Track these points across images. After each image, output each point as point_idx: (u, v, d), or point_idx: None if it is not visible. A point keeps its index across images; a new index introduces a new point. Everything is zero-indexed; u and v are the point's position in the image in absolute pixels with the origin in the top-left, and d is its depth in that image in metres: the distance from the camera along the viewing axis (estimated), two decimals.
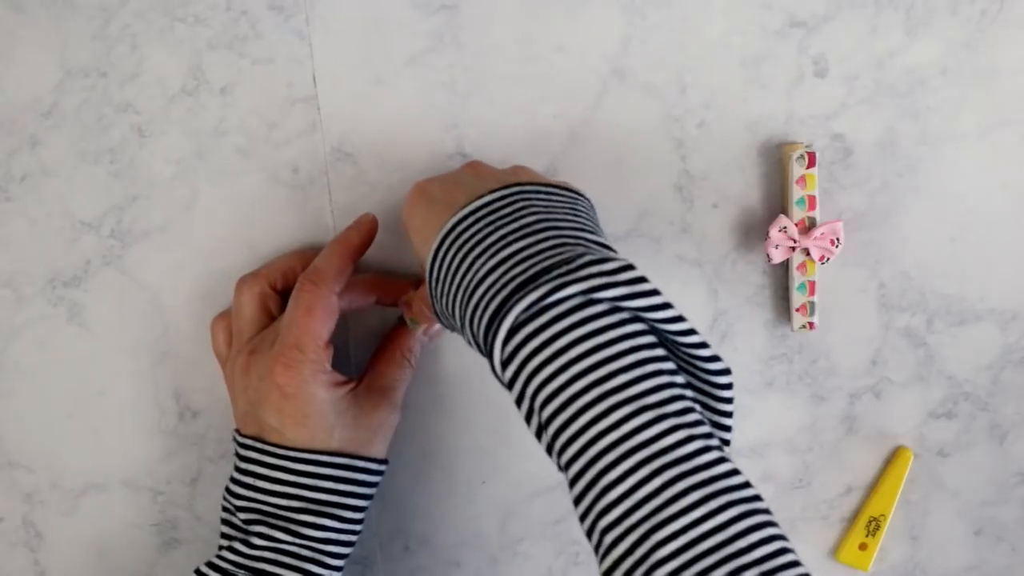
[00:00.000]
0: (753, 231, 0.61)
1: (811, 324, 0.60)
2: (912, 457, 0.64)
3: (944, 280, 0.62)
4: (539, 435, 0.42)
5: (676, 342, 0.42)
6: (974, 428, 0.64)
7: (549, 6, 0.59)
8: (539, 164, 0.60)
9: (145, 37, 0.59)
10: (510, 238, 0.44)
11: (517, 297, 0.41)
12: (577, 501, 0.40)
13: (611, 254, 0.42)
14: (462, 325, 0.46)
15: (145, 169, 0.60)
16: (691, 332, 0.42)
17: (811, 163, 0.58)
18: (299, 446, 0.54)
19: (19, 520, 0.64)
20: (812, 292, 0.60)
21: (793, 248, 0.59)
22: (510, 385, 0.42)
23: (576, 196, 0.49)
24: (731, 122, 0.60)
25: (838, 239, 0.59)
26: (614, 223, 0.61)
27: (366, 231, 0.58)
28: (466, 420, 0.63)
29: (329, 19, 0.59)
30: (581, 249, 0.43)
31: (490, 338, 0.42)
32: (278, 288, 0.58)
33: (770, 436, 0.64)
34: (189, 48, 0.59)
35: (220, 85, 0.59)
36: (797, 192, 0.58)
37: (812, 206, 0.58)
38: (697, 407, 0.41)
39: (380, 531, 0.65)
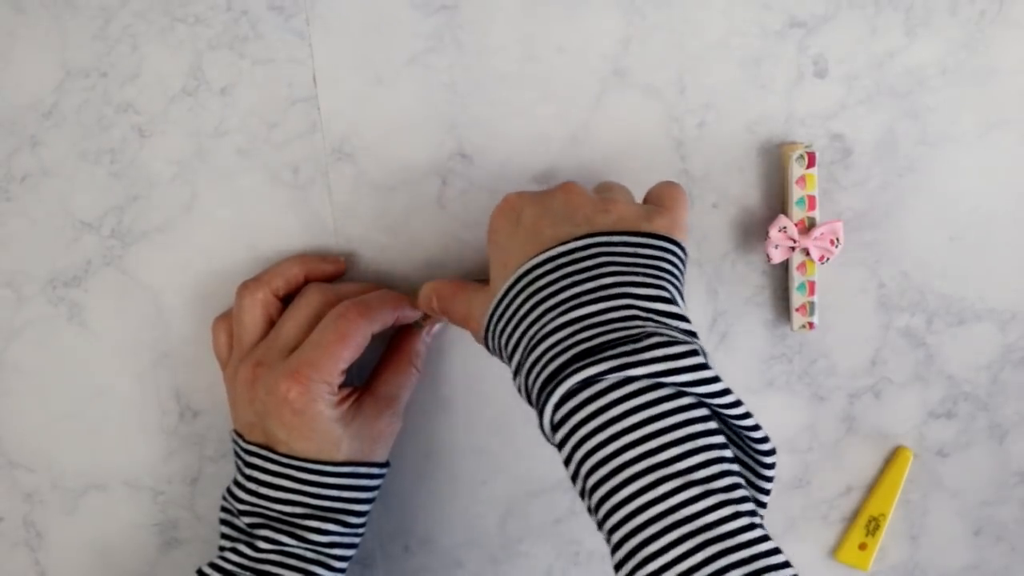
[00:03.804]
0: (753, 231, 0.61)
1: (811, 324, 0.60)
2: (912, 457, 0.64)
3: (944, 280, 0.62)
4: (582, 496, 0.43)
5: (731, 423, 0.43)
6: (974, 428, 0.64)
7: (549, 6, 0.59)
8: (539, 165, 0.60)
9: (145, 37, 0.59)
10: (584, 298, 0.44)
11: (578, 365, 0.42)
12: (617, 568, 0.40)
13: (678, 336, 0.43)
14: (517, 369, 0.46)
15: (145, 169, 0.60)
16: (747, 416, 0.43)
17: (811, 163, 0.58)
18: (306, 457, 0.54)
19: (19, 520, 0.64)
20: (812, 292, 0.60)
21: (793, 248, 0.59)
22: (559, 446, 0.43)
23: (663, 249, 0.48)
24: (731, 122, 0.60)
25: (838, 239, 0.59)
26: None
27: (419, 313, 0.59)
28: (467, 421, 0.64)
29: (329, 19, 0.59)
30: (651, 327, 0.43)
31: (544, 396, 0.43)
32: (280, 294, 0.58)
33: (770, 436, 0.64)
34: (189, 48, 0.59)
35: (220, 85, 0.60)
36: (797, 192, 0.58)
37: (812, 206, 0.58)
38: (743, 482, 0.41)
39: (381, 531, 0.65)
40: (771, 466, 0.44)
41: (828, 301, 0.61)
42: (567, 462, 0.43)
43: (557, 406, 0.43)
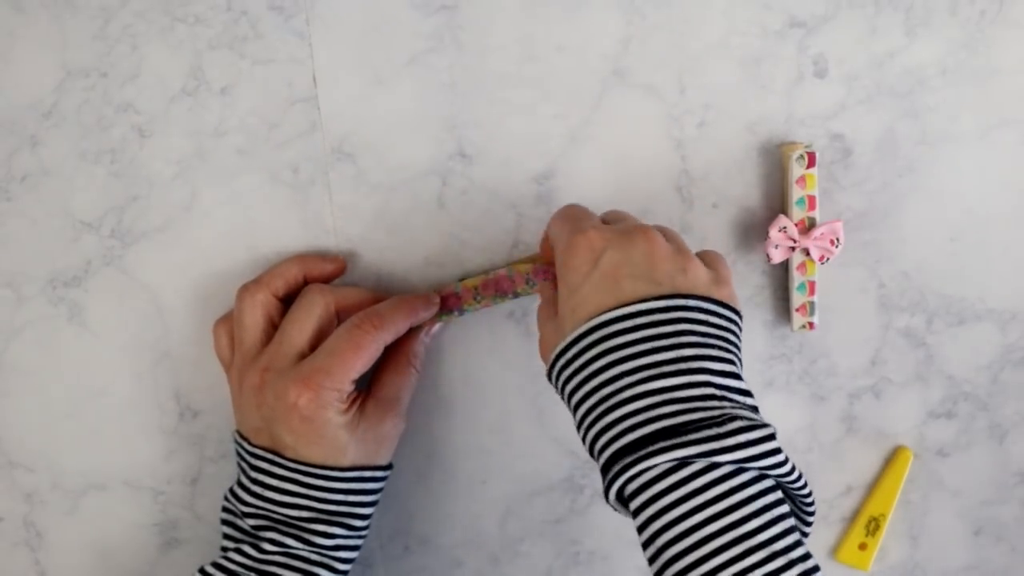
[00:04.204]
0: (753, 231, 0.61)
1: (811, 324, 0.60)
2: (912, 457, 0.64)
3: (944, 280, 0.62)
4: (652, 561, 0.44)
5: (782, 482, 0.45)
6: (974, 428, 0.64)
7: (549, 6, 0.59)
8: (539, 164, 0.60)
9: (145, 37, 0.59)
10: (665, 368, 0.45)
11: (664, 445, 0.44)
12: None
13: (755, 418, 0.45)
14: (582, 421, 0.47)
15: (145, 169, 0.60)
16: (805, 485, 0.46)
17: (811, 163, 0.58)
18: (312, 462, 0.55)
19: (19, 520, 0.64)
20: (812, 292, 0.60)
21: (793, 248, 0.59)
22: (635, 513, 0.45)
23: (730, 320, 0.49)
24: (731, 122, 0.60)
25: (838, 239, 0.59)
26: None
27: (434, 310, 0.59)
28: (467, 420, 0.64)
29: (329, 19, 0.59)
30: (728, 407, 0.45)
31: (620, 466, 0.44)
32: (280, 295, 0.58)
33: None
34: (189, 48, 0.59)
35: (220, 85, 0.60)
36: (797, 192, 0.58)
37: (812, 206, 0.58)
38: (805, 542, 0.44)
39: (381, 531, 0.65)
40: (813, 514, 0.47)
41: (828, 301, 0.61)
42: (642, 528, 0.44)
43: (634, 477, 0.44)
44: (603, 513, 0.65)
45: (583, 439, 0.48)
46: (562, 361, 0.49)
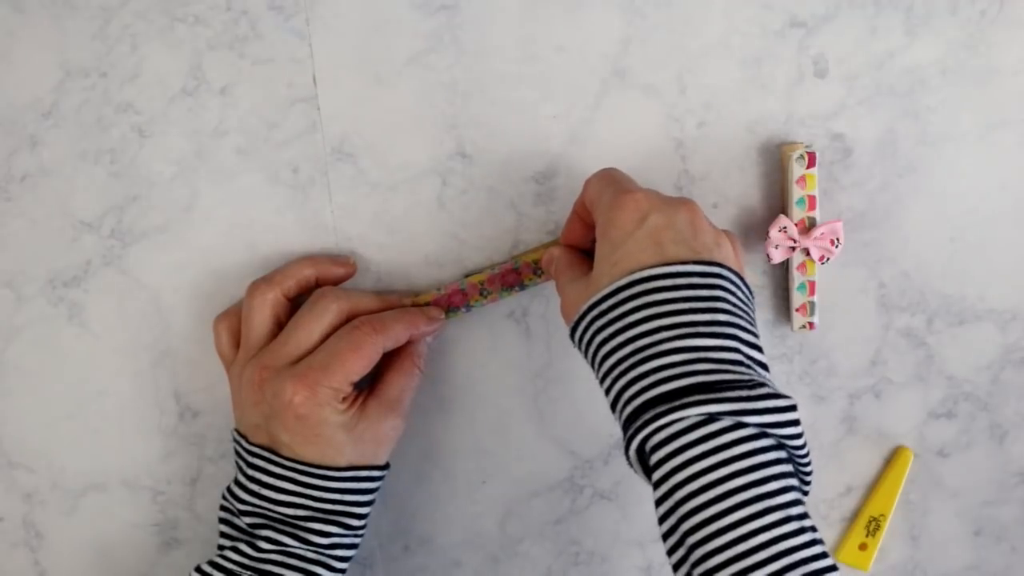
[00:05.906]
0: (753, 231, 0.61)
1: (811, 324, 0.60)
2: (912, 457, 0.64)
3: (944, 280, 0.62)
4: (667, 517, 0.45)
5: (793, 454, 0.48)
6: (974, 428, 0.64)
7: (549, 6, 0.59)
8: (539, 164, 0.60)
9: (145, 37, 0.59)
10: (701, 329, 0.47)
11: (695, 399, 0.45)
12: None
13: (778, 389, 0.47)
14: (609, 370, 0.48)
15: (145, 169, 0.60)
16: (810, 463, 0.48)
17: (811, 163, 0.58)
18: (309, 461, 0.55)
19: (19, 520, 0.64)
20: (812, 292, 0.60)
21: (793, 248, 0.59)
22: (656, 466, 0.45)
23: (751, 298, 0.51)
24: (731, 122, 0.60)
25: (838, 239, 0.59)
26: None
27: (437, 326, 0.59)
28: (467, 421, 0.64)
29: (329, 19, 0.59)
30: (755, 375, 0.47)
31: (647, 415, 0.46)
32: (291, 296, 0.58)
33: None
34: (189, 48, 0.59)
35: (220, 85, 0.60)
36: (797, 192, 0.58)
37: (812, 206, 0.58)
38: (805, 503, 0.46)
39: (380, 531, 0.65)
40: (810, 474, 0.49)
41: (828, 301, 0.61)
42: (662, 480, 0.45)
43: (661, 428, 0.45)
44: (603, 513, 0.65)
45: (607, 390, 0.49)
46: (596, 311, 0.49)
